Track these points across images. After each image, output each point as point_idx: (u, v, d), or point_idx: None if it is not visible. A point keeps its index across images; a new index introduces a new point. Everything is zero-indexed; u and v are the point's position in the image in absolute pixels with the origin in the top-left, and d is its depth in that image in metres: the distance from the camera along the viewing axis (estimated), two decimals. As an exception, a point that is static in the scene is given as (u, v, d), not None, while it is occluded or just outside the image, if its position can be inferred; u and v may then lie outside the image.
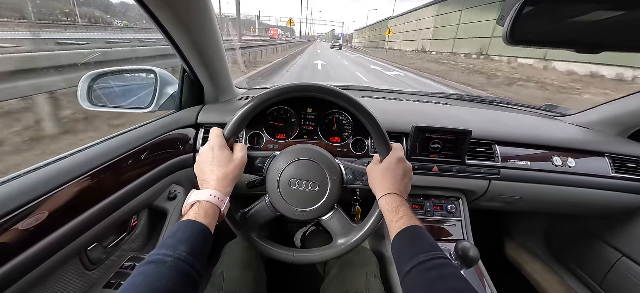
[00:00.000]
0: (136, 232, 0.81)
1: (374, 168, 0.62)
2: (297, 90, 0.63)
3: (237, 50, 7.45)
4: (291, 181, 0.63)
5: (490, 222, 1.54)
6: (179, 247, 0.42)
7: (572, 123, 1.17)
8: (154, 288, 0.37)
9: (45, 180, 0.52)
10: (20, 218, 0.47)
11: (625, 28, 0.43)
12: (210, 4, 0.73)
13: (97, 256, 0.68)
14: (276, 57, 14.56)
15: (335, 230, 0.68)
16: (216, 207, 0.51)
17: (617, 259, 1.09)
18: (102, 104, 0.87)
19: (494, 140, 0.95)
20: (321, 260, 0.68)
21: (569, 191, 0.97)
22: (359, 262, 0.78)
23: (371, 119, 0.62)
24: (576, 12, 0.45)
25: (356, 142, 0.89)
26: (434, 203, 0.99)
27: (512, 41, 0.46)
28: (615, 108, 1.08)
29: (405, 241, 0.50)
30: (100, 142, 0.68)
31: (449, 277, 0.43)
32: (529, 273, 1.39)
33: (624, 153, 0.99)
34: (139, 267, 0.40)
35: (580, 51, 0.47)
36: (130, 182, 0.69)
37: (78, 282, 0.63)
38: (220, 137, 0.59)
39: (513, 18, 0.45)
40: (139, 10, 0.63)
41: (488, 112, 1.24)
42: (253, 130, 0.87)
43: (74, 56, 2.98)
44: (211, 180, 0.54)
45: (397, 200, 0.56)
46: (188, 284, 0.41)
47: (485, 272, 0.86)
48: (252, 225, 0.68)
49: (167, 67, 1.15)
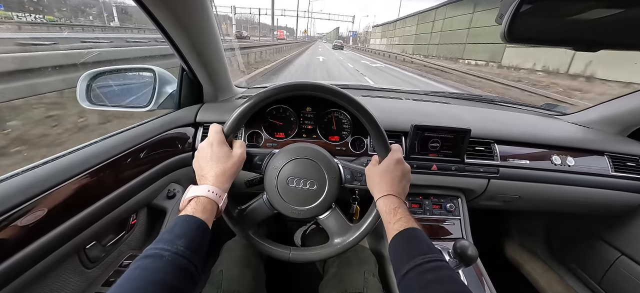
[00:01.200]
0: (135, 230, 0.81)
1: (372, 169, 0.62)
2: (296, 88, 0.63)
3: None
4: (289, 179, 0.63)
5: (489, 221, 1.54)
6: (176, 241, 0.42)
7: (571, 122, 1.17)
8: (151, 281, 0.37)
9: (44, 178, 0.52)
10: (19, 216, 0.47)
11: (623, 26, 0.43)
12: (209, 3, 0.73)
13: (96, 254, 0.68)
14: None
15: (332, 229, 0.68)
16: (214, 203, 0.51)
17: (616, 258, 1.09)
18: (100, 103, 0.87)
19: (493, 139, 0.95)
20: (317, 258, 0.68)
21: (568, 190, 0.97)
22: (358, 261, 0.78)
23: (370, 118, 0.62)
24: (574, 9, 0.45)
25: (355, 141, 0.89)
26: (432, 202, 0.99)
27: (510, 39, 0.46)
28: (614, 107, 1.08)
29: (403, 243, 0.50)
30: (99, 140, 0.68)
31: (445, 279, 0.42)
32: (528, 272, 1.39)
33: (624, 152, 0.99)
34: (136, 260, 0.40)
35: (577, 49, 0.46)
36: (129, 180, 0.69)
37: (77, 280, 0.64)
38: (219, 133, 0.59)
39: (511, 16, 0.45)
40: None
41: (487, 110, 1.24)
42: (252, 129, 0.87)
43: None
44: (209, 175, 0.54)
45: (395, 201, 0.56)
46: (185, 278, 0.41)
47: (484, 271, 0.86)
48: (249, 222, 0.68)
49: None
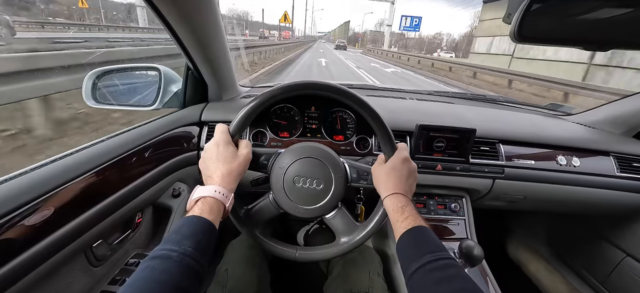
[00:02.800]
0: (140, 229, 0.81)
1: (378, 168, 0.62)
2: (301, 87, 0.62)
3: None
4: (295, 178, 0.63)
5: (493, 221, 1.53)
6: (184, 242, 0.42)
7: (576, 122, 1.16)
8: (160, 282, 0.37)
9: (51, 177, 0.53)
10: (26, 215, 0.47)
11: (635, 25, 0.43)
12: (215, 2, 0.73)
13: (102, 252, 0.69)
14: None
15: (339, 228, 0.67)
16: (220, 203, 0.51)
17: (621, 259, 1.08)
18: (106, 102, 0.87)
19: (497, 139, 0.94)
20: (324, 258, 0.68)
21: (573, 190, 0.96)
22: (362, 261, 0.78)
23: (377, 117, 0.62)
24: (585, 8, 0.44)
25: (359, 140, 0.89)
26: (437, 201, 0.99)
27: (519, 39, 0.46)
28: (620, 107, 1.07)
29: (411, 241, 0.50)
30: (104, 139, 0.68)
31: (455, 277, 0.42)
32: (532, 273, 1.38)
33: (629, 152, 0.98)
34: (144, 261, 0.40)
35: (588, 49, 0.46)
36: (134, 179, 0.69)
37: (83, 278, 0.64)
38: (225, 133, 0.59)
39: (520, 15, 0.45)
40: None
41: (492, 110, 1.23)
42: (256, 128, 0.87)
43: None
44: (216, 176, 0.54)
45: (402, 200, 0.55)
46: (193, 279, 0.41)
47: (488, 270, 0.85)
48: (255, 221, 0.68)
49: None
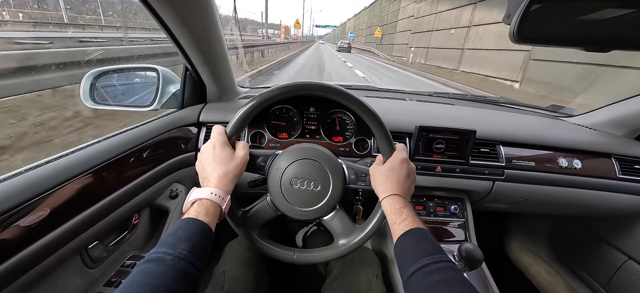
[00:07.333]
0: (137, 230, 0.81)
1: (376, 169, 0.62)
2: (300, 88, 0.62)
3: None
4: (293, 180, 0.62)
5: (493, 223, 1.52)
6: (179, 245, 0.42)
7: (577, 123, 1.15)
8: (155, 286, 0.37)
9: (46, 177, 0.52)
10: (21, 215, 0.47)
11: (636, 25, 0.42)
12: (213, 3, 0.72)
13: (98, 254, 0.68)
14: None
15: (337, 230, 0.67)
16: (217, 205, 0.51)
17: (623, 262, 1.07)
18: (104, 102, 0.87)
19: (498, 141, 0.93)
20: (322, 260, 0.67)
21: (574, 192, 0.95)
22: (361, 262, 0.78)
23: (375, 118, 0.62)
24: (585, 9, 0.44)
25: (358, 142, 0.88)
26: (437, 203, 0.98)
27: (519, 39, 0.45)
28: (621, 109, 1.06)
29: (409, 243, 0.49)
30: (102, 140, 0.68)
31: (452, 280, 0.42)
32: (533, 276, 1.37)
33: (631, 154, 0.97)
34: (139, 264, 0.40)
35: (589, 49, 0.45)
36: (131, 180, 0.69)
37: (79, 280, 0.63)
38: (222, 134, 0.58)
39: (520, 16, 0.44)
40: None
41: (492, 112, 1.22)
42: (255, 129, 0.86)
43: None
44: (212, 177, 0.54)
45: (400, 201, 0.55)
46: (188, 282, 0.40)
47: (488, 273, 0.85)
48: (253, 223, 0.67)
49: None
